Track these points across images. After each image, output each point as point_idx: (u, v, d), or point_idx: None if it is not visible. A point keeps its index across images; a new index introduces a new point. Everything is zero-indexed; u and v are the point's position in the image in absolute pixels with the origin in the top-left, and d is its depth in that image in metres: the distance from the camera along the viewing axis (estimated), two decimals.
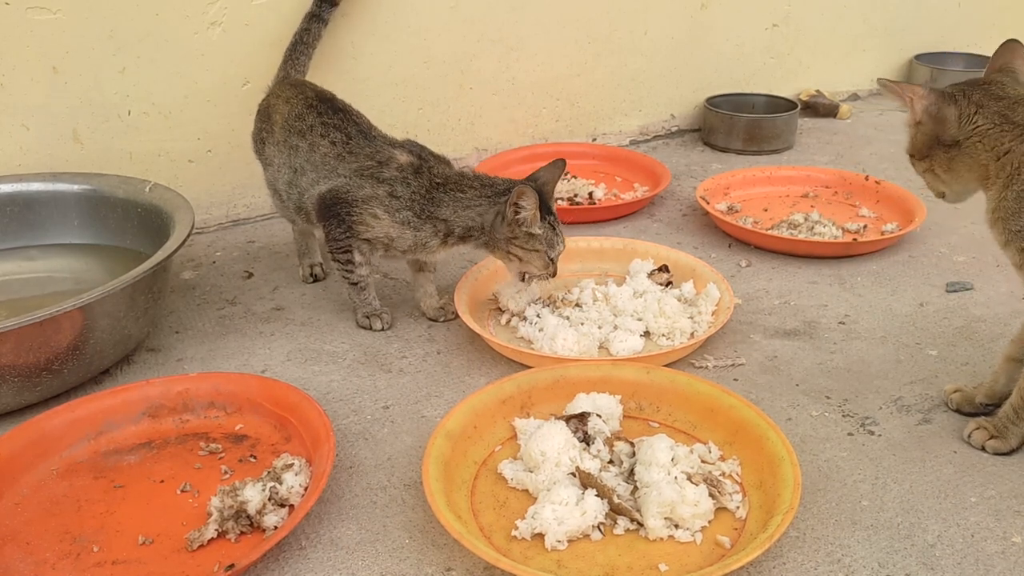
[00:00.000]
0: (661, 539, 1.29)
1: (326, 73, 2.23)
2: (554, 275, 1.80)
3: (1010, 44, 1.43)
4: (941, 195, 1.49)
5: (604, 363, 1.63)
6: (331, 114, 1.83)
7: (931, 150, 1.40)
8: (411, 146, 1.81)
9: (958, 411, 1.59)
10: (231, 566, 1.21)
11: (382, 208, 1.74)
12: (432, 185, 1.74)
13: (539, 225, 1.72)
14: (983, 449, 1.48)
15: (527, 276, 1.82)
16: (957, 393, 1.60)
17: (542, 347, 1.73)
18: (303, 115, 1.84)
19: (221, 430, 1.54)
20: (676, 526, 1.30)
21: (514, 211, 1.69)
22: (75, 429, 1.49)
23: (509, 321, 1.86)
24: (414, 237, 1.76)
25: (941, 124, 1.36)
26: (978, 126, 1.35)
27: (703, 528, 1.31)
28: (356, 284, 1.84)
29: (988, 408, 1.56)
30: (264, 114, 1.94)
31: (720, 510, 1.34)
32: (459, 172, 1.79)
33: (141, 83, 2.13)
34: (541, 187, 1.75)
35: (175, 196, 1.89)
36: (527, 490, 1.39)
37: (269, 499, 1.32)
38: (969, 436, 1.50)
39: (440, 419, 1.47)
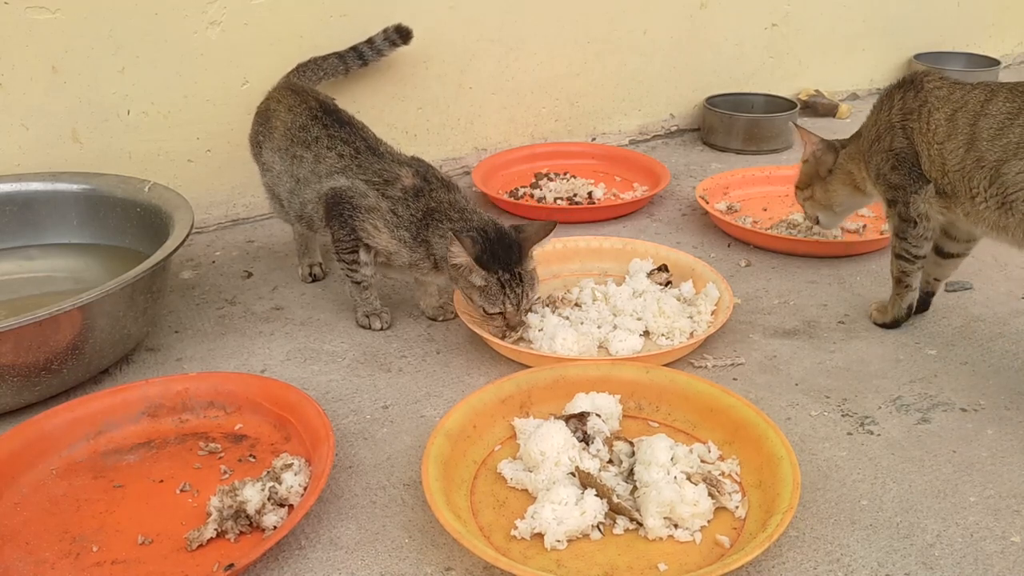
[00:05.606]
0: (660, 539, 1.29)
1: None
2: (514, 327, 1.72)
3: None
4: (815, 220, 2.03)
5: (603, 363, 1.63)
6: (337, 127, 1.82)
7: (812, 180, 1.96)
8: (418, 165, 1.79)
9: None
10: (230, 566, 1.21)
11: (383, 222, 1.74)
12: (428, 211, 1.73)
13: (482, 276, 1.66)
14: (872, 321, 1.87)
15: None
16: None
17: (541, 347, 1.73)
18: (307, 126, 1.83)
19: (220, 430, 1.54)
20: (675, 526, 1.30)
21: (451, 254, 1.65)
22: (74, 429, 1.49)
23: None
24: (410, 256, 1.76)
25: (821, 164, 1.93)
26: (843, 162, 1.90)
27: (702, 528, 1.31)
28: (359, 283, 1.84)
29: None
30: (263, 117, 1.94)
31: (719, 510, 1.34)
32: (451, 201, 1.74)
33: (140, 83, 2.13)
34: (520, 240, 1.70)
35: (174, 196, 1.89)
36: (526, 490, 1.39)
37: (268, 499, 1.32)
38: (870, 316, 1.88)
39: (439, 419, 1.47)
